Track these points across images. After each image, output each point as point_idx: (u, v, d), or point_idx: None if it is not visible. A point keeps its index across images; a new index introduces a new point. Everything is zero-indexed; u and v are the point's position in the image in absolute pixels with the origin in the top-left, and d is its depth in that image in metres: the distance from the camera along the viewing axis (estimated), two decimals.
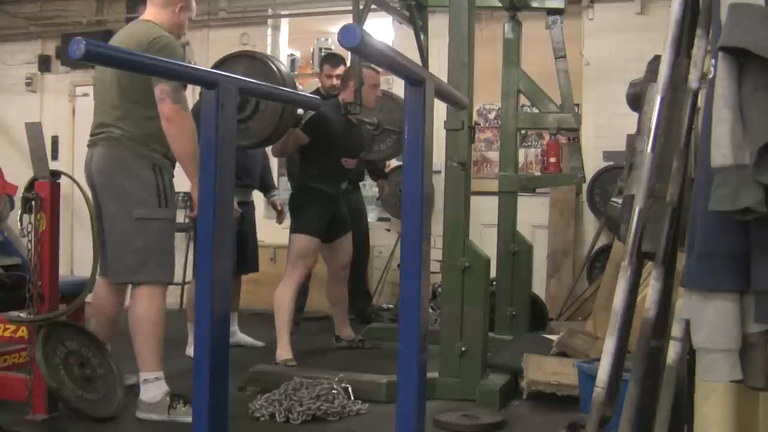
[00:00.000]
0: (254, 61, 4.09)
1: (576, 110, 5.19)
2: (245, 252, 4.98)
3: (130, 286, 3.52)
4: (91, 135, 3.52)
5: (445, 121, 3.81)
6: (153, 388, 3.36)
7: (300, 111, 4.38)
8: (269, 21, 7.34)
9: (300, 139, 4.51)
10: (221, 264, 1.95)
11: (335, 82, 5.44)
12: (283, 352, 4.40)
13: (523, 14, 5.21)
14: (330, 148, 4.59)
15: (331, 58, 5.74)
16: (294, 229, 4.61)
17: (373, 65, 4.60)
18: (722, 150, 1.60)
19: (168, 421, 3.32)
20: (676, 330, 1.88)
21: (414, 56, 4.44)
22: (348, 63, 5.64)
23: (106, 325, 3.65)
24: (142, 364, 3.39)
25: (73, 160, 7.27)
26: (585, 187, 5.97)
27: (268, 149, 5.28)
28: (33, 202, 3.31)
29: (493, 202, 5.19)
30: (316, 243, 4.60)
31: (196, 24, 7.39)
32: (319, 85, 5.82)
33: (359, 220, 5.98)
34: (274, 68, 4.02)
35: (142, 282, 3.39)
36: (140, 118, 3.38)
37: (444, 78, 3.58)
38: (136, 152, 3.39)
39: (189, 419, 3.22)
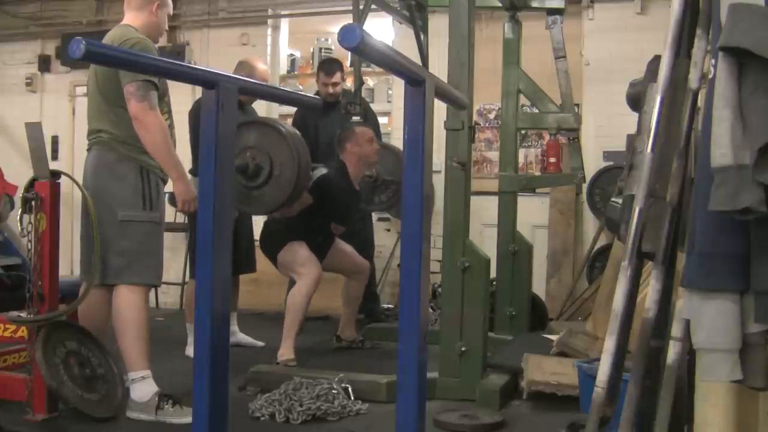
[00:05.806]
0: (264, 127, 4.14)
1: (576, 110, 5.18)
2: (240, 253, 4.96)
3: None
4: (87, 140, 3.58)
5: (445, 121, 3.81)
6: (141, 388, 3.37)
7: None
8: (269, 21, 7.33)
9: (306, 201, 4.51)
10: (221, 264, 1.95)
11: (331, 90, 5.59)
12: (286, 351, 4.39)
13: (523, 14, 5.20)
14: (326, 213, 4.63)
15: (326, 66, 5.71)
16: (279, 246, 4.58)
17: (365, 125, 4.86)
18: (722, 150, 1.60)
19: (157, 421, 3.32)
20: (676, 330, 1.88)
21: (414, 56, 4.43)
22: (344, 67, 5.67)
23: (94, 334, 3.62)
24: (129, 364, 3.41)
25: (73, 160, 7.27)
26: (585, 187, 5.96)
27: None
28: (33, 202, 3.31)
29: (493, 202, 5.18)
30: (306, 246, 4.58)
31: (196, 24, 7.42)
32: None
33: (365, 221, 5.97)
34: (279, 127, 4.11)
35: (127, 283, 3.41)
36: (126, 120, 3.40)
37: (444, 78, 3.58)
38: (123, 155, 3.44)
39: (176, 420, 3.28)
